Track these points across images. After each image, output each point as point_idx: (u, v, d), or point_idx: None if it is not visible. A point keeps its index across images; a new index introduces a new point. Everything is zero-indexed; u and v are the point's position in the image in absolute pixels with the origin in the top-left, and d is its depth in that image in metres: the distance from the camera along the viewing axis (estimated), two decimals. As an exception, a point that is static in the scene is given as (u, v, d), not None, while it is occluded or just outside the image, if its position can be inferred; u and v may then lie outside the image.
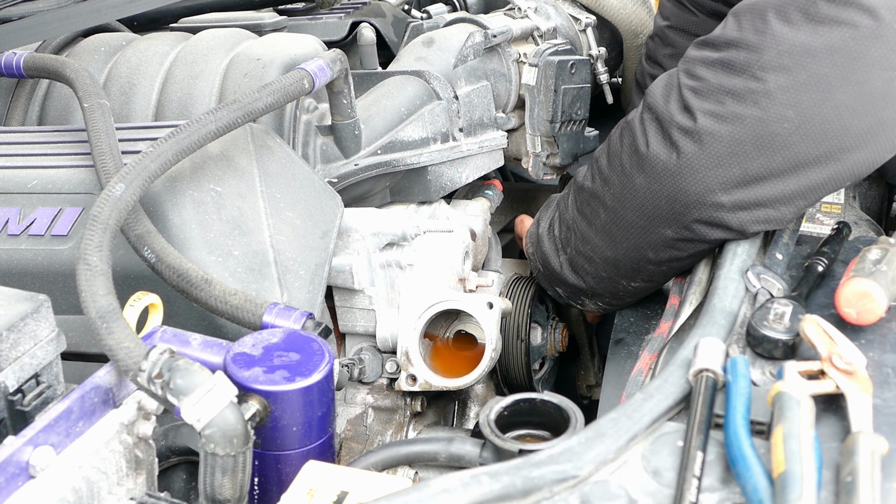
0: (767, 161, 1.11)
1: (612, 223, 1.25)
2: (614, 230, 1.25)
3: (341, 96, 1.33)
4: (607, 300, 1.38)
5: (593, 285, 1.35)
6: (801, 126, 1.09)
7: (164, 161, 1.07)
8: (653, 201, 1.18)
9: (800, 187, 1.12)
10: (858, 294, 0.99)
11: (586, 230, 1.31)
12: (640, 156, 1.19)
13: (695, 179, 1.14)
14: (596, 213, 1.28)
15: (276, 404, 0.94)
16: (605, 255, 1.29)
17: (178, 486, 1.07)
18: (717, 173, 1.12)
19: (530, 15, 1.75)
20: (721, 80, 1.12)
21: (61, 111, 1.48)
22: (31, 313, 0.87)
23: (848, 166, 1.11)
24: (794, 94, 1.08)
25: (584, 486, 0.84)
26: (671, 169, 1.15)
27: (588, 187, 1.30)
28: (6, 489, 0.78)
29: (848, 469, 0.80)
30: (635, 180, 1.20)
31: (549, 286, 1.46)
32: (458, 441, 1.10)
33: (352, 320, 1.39)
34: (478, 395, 1.51)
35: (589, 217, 1.30)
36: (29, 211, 1.17)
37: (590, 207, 1.30)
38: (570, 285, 1.39)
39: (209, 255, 1.13)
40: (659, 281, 1.31)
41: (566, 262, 1.38)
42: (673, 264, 1.24)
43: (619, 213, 1.24)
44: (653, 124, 1.18)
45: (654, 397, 0.92)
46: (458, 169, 1.50)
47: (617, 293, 1.35)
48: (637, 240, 1.23)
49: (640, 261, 1.26)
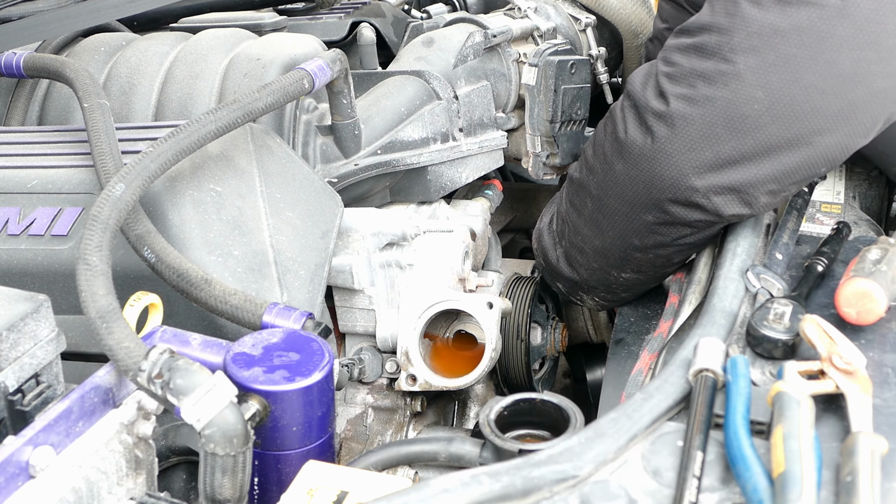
0: (739, 144, 1.11)
1: (598, 212, 1.27)
2: (600, 218, 1.27)
3: (341, 96, 1.33)
4: (602, 294, 1.39)
5: (587, 277, 1.36)
6: (771, 107, 1.09)
7: (164, 161, 1.07)
8: (632, 187, 1.19)
9: (772, 171, 1.12)
10: (858, 294, 0.99)
11: (577, 221, 1.32)
12: (619, 142, 1.20)
13: (669, 163, 1.14)
14: (584, 202, 1.30)
15: (276, 404, 0.94)
16: (595, 244, 1.30)
17: (178, 486, 1.07)
18: (689, 156, 1.13)
19: (530, 15, 1.75)
20: (693, 64, 1.13)
21: (61, 111, 1.48)
22: (31, 313, 0.87)
23: (820, 150, 1.11)
24: (763, 74, 1.08)
25: (584, 486, 0.84)
26: (646, 153, 1.16)
27: (577, 178, 1.32)
28: (6, 489, 0.78)
29: (848, 469, 0.80)
30: (615, 167, 1.21)
31: (551, 281, 1.47)
32: (457, 441, 1.10)
33: (352, 320, 1.39)
34: (478, 395, 1.51)
35: (578, 207, 1.31)
36: (29, 211, 1.17)
37: (579, 198, 1.31)
38: (567, 279, 1.40)
39: (209, 255, 1.13)
40: (649, 272, 1.31)
41: (562, 255, 1.39)
42: (659, 251, 1.25)
43: (603, 201, 1.25)
44: (631, 111, 1.19)
45: (653, 397, 0.92)
46: (458, 169, 1.50)
47: (610, 286, 1.36)
48: (621, 227, 1.24)
49: (627, 248, 1.26)
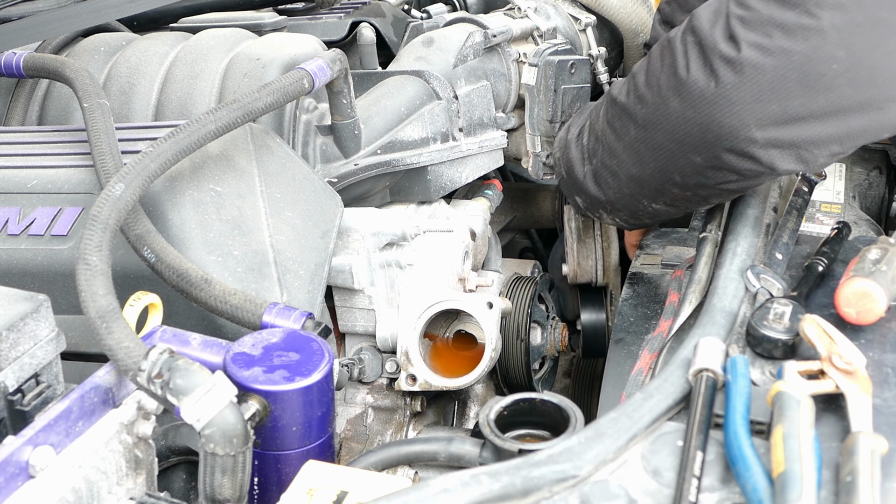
0: (808, 101, 1.07)
1: (641, 142, 1.22)
2: (643, 149, 1.23)
3: (341, 96, 1.33)
4: (625, 217, 1.36)
5: (614, 199, 1.33)
6: (850, 69, 1.05)
7: (164, 161, 1.07)
8: (685, 127, 1.15)
9: (837, 132, 1.09)
10: (858, 294, 0.99)
11: (614, 144, 1.28)
12: (678, 79, 1.16)
13: (731, 111, 1.10)
14: (626, 128, 1.25)
15: (276, 404, 0.94)
16: (631, 172, 1.26)
17: (177, 486, 1.07)
18: (754, 108, 1.09)
19: (530, 15, 1.75)
20: (772, 12, 1.08)
21: (61, 111, 1.48)
22: (30, 313, 0.87)
23: (890, 116, 1.08)
24: (848, 34, 1.04)
25: (583, 486, 0.84)
26: (708, 97, 1.12)
27: (621, 102, 1.26)
28: (6, 489, 0.78)
29: (848, 469, 0.80)
30: (670, 103, 1.17)
31: (569, 194, 1.44)
32: (457, 441, 1.10)
33: (352, 320, 1.39)
34: (478, 395, 1.51)
35: (618, 131, 1.27)
36: (29, 211, 1.17)
37: (620, 122, 1.26)
38: (591, 196, 1.36)
39: (209, 255, 1.13)
40: (681, 207, 1.28)
41: (590, 173, 1.35)
42: (699, 191, 1.22)
43: (649, 133, 1.21)
44: (695, 49, 1.15)
45: (653, 397, 0.92)
46: (457, 169, 1.50)
47: (636, 212, 1.33)
48: (665, 162, 1.21)
49: (666, 183, 1.23)
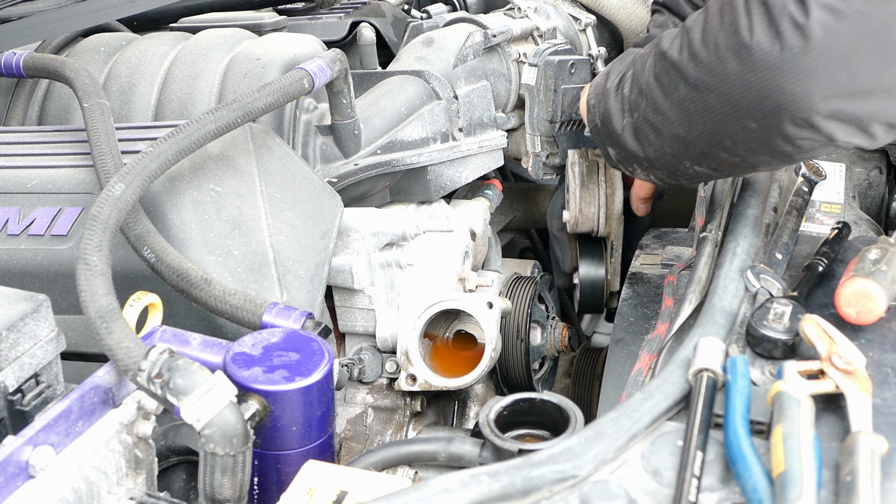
0: (881, 71, 1.01)
1: (692, 102, 1.15)
2: (692, 110, 1.15)
3: (341, 96, 1.33)
4: (661, 175, 1.29)
5: (653, 157, 1.26)
6: None
7: (164, 161, 1.07)
8: (742, 92, 1.09)
9: None
10: (858, 294, 0.99)
11: (661, 101, 1.20)
12: (739, 40, 1.08)
13: (796, 79, 1.04)
14: (675, 86, 1.18)
15: (276, 404, 0.94)
16: (676, 131, 1.19)
17: (177, 486, 1.07)
18: (822, 76, 1.02)
19: (530, 15, 1.75)
20: None
21: (61, 111, 1.48)
22: (30, 313, 0.87)
23: None
24: None
25: (583, 486, 0.84)
26: (771, 62, 1.05)
27: (673, 57, 1.18)
28: (6, 489, 0.78)
29: (848, 469, 0.80)
30: (728, 65, 1.09)
31: (602, 144, 1.36)
32: (457, 441, 1.10)
33: (351, 320, 1.39)
34: (478, 395, 1.51)
35: (666, 88, 1.19)
36: (29, 211, 1.17)
37: (669, 78, 1.19)
38: (628, 151, 1.29)
39: (209, 255, 1.13)
40: (724, 171, 1.23)
41: (629, 126, 1.27)
42: (748, 158, 1.15)
43: (701, 93, 1.14)
44: (759, 8, 1.06)
45: (653, 397, 0.92)
46: (457, 169, 1.50)
47: (675, 172, 1.26)
48: (715, 126, 1.14)
49: (714, 147, 1.16)
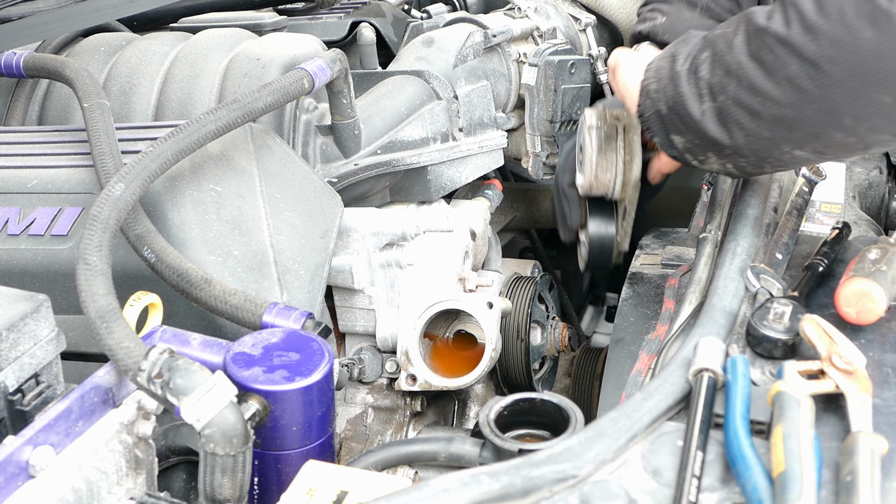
0: None
1: (808, 78, 1.07)
2: (808, 86, 1.07)
3: (341, 96, 1.33)
4: (744, 164, 1.18)
5: (742, 143, 1.15)
6: None
7: (164, 161, 1.07)
8: (878, 62, 1.02)
9: None
10: (858, 294, 0.99)
11: (760, 80, 1.11)
12: (874, 6, 1.01)
13: None
14: (783, 63, 1.09)
15: (276, 404, 0.94)
16: (782, 112, 1.10)
17: (178, 485, 1.07)
18: None
19: (530, 15, 1.75)
20: None
21: (61, 111, 1.48)
22: (30, 313, 0.87)
23: None
24: None
25: (583, 486, 0.84)
26: None
27: (779, 33, 1.09)
28: (6, 489, 0.78)
29: (848, 469, 0.80)
30: (861, 34, 1.02)
31: (664, 132, 1.22)
32: (457, 441, 1.10)
33: (352, 320, 1.39)
34: (478, 395, 1.51)
35: (770, 66, 1.10)
36: (29, 211, 1.17)
37: (774, 55, 1.10)
38: (706, 137, 1.17)
39: (209, 255, 1.13)
40: (828, 155, 1.14)
41: (712, 111, 1.16)
42: (867, 138, 1.08)
43: (821, 68, 1.05)
44: None
45: (653, 397, 0.92)
46: (457, 169, 1.50)
47: (766, 158, 1.16)
48: (838, 101, 1.06)
49: (829, 125, 1.08)
